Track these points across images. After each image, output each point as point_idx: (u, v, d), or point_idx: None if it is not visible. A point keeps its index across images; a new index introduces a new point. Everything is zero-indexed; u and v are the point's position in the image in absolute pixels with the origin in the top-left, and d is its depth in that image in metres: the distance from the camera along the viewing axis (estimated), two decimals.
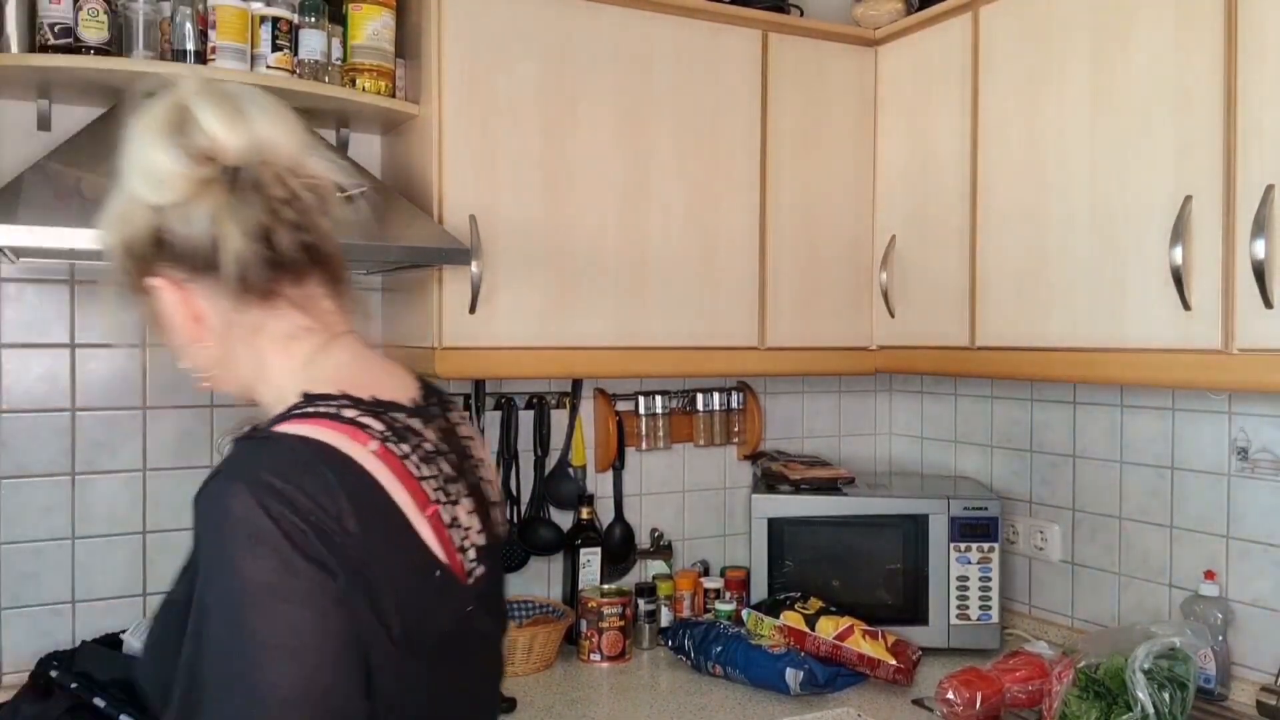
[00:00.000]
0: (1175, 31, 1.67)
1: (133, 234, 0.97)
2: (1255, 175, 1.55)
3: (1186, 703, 1.65)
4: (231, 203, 0.93)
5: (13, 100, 1.86)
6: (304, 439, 0.89)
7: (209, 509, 0.85)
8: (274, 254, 0.95)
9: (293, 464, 0.86)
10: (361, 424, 0.92)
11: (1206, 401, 1.98)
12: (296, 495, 0.84)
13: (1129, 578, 2.14)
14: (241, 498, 0.84)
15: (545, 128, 1.97)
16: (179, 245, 0.95)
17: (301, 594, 0.82)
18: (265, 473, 0.85)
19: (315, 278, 1.00)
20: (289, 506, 0.83)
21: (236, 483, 0.85)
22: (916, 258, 2.23)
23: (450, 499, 0.98)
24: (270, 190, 0.95)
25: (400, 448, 0.94)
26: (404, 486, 0.92)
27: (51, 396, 1.92)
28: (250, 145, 0.95)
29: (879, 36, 2.33)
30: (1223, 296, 1.59)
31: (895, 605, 2.24)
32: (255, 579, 0.82)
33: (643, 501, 2.48)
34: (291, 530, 0.82)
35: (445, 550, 0.94)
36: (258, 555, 0.82)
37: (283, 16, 1.80)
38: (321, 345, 1.00)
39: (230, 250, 0.93)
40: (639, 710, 1.91)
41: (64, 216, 1.55)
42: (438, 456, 0.99)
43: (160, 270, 0.97)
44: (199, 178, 0.93)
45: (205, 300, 0.98)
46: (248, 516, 0.83)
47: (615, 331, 2.05)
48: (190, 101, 0.97)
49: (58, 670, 1.69)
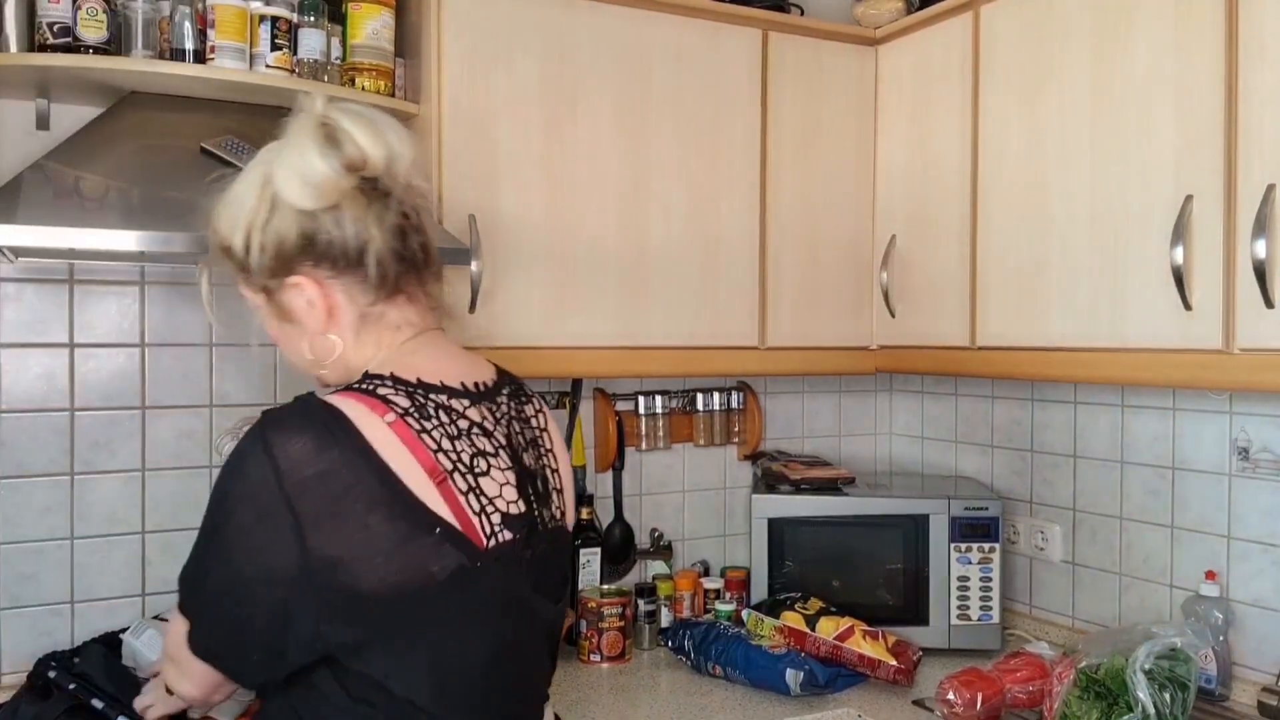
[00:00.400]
0: (1175, 31, 1.67)
1: (281, 237, 1.09)
2: (1256, 175, 1.55)
3: (1187, 703, 1.65)
4: (375, 208, 1.10)
5: (12, 100, 1.86)
6: (324, 404, 1.04)
7: (236, 447, 1.04)
8: (405, 252, 1.12)
9: (300, 423, 1.02)
10: (388, 400, 1.07)
11: (1207, 401, 1.98)
12: (288, 449, 1.00)
13: (1130, 578, 2.14)
14: (249, 440, 1.02)
15: (545, 127, 1.97)
16: (328, 246, 1.09)
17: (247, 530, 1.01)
18: (274, 426, 1.02)
19: (426, 276, 1.17)
20: (273, 459, 1.00)
21: (254, 431, 1.03)
22: (916, 258, 2.23)
23: (477, 470, 1.10)
24: (401, 197, 1.12)
25: (421, 423, 1.07)
26: (413, 455, 1.05)
27: (50, 396, 1.91)
28: (386, 157, 1.10)
29: (879, 36, 2.33)
30: (1224, 296, 1.59)
31: (896, 605, 2.23)
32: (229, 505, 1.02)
33: (642, 501, 2.47)
34: (263, 480, 0.99)
35: (455, 513, 1.06)
36: (236, 488, 1.02)
37: (282, 16, 1.80)
38: (413, 336, 1.16)
39: (375, 250, 1.09)
40: (639, 710, 1.91)
41: (63, 216, 1.55)
42: (473, 433, 1.12)
43: (302, 269, 1.10)
44: (348, 185, 1.08)
45: (340, 295, 1.11)
46: (243, 457, 1.02)
47: (615, 331, 2.05)
48: (336, 118, 1.09)
49: (56, 671, 1.69)
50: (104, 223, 1.58)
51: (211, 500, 1.05)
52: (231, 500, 1.02)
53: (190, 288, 2.01)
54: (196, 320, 2.02)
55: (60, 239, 1.52)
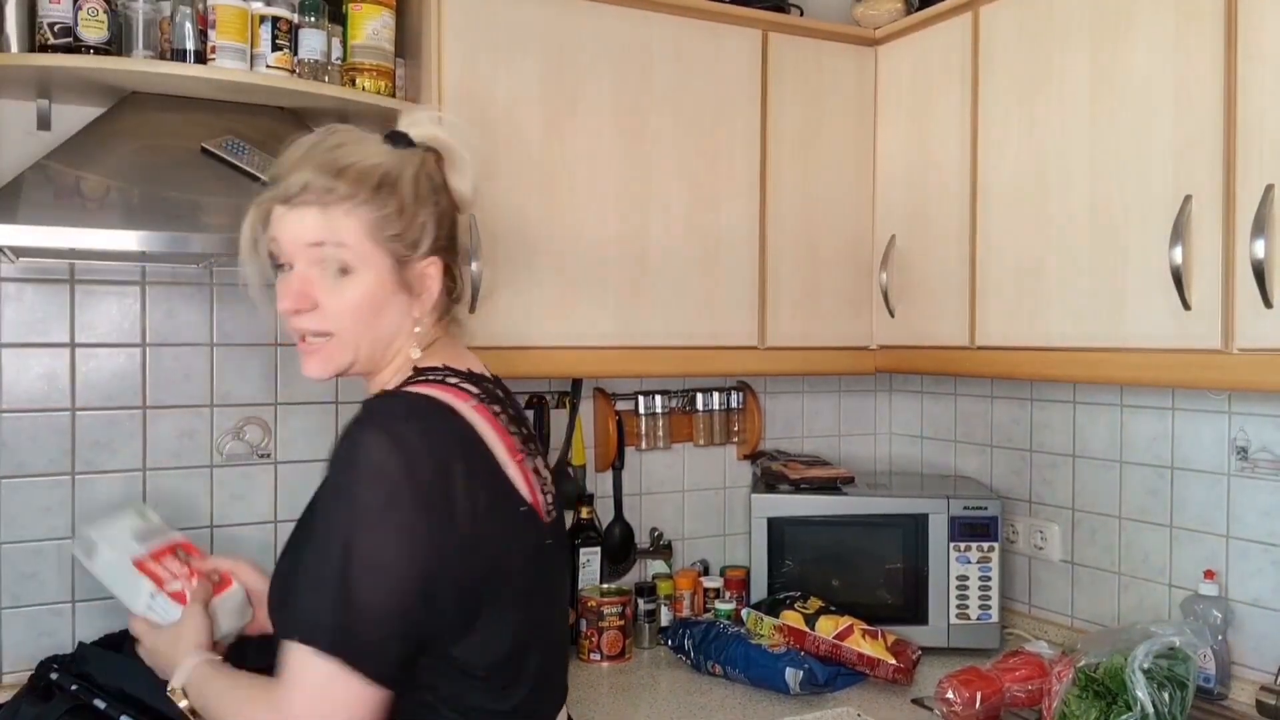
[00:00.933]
0: (1175, 31, 1.67)
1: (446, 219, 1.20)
2: (1255, 175, 1.55)
3: (1186, 702, 1.65)
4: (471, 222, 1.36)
5: (12, 100, 1.86)
6: (422, 395, 1.11)
7: (343, 448, 1.05)
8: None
9: (414, 413, 1.08)
10: (462, 387, 1.15)
11: (1206, 401, 1.98)
12: (416, 439, 1.04)
13: (1129, 577, 2.14)
14: (372, 436, 1.04)
15: (545, 127, 1.97)
16: (458, 243, 1.23)
17: (399, 524, 1.02)
18: (391, 418, 1.06)
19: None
20: (408, 448, 1.03)
21: (369, 426, 1.05)
22: (916, 258, 2.23)
23: (532, 452, 1.21)
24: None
25: (492, 407, 1.16)
26: (498, 437, 1.14)
27: (51, 396, 1.91)
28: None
29: (879, 36, 2.33)
30: (1223, 296, 1.59)
31: (895, 605, 2.24)
32: (368, 505, 1.02)
33: (642, 501, 2.48)
34: (406, 469, 1.02)
35: (530, 492, 1.15)
36: (373, 486, 1.02)
37: (282, 16, 1.80)
38: (438, 336, 1.24)
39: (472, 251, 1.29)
40: (639, 710, 1.91)
41: (64, 216, 1.55)
42: (519, 419, 1.23)
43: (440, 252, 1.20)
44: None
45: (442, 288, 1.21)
46: (373, 453, 1.03)
47: (615, 331, 2.05)
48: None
49: (58, 672, 1.69)
50: (105, 223, 1.58)
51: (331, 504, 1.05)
52: (367, 493, 1.02)
53: (191, 287, 2.01)
54: (197, 320, 2.02)
55: (61, 239, 1.52)
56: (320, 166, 1.13)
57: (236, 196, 1.70)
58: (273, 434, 2.07)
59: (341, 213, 1.12)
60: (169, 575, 1.37)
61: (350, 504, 1.03)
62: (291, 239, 1.14)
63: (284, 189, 1.13)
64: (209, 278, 2.02)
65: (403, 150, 1.18)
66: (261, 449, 2.06)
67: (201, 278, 2.02)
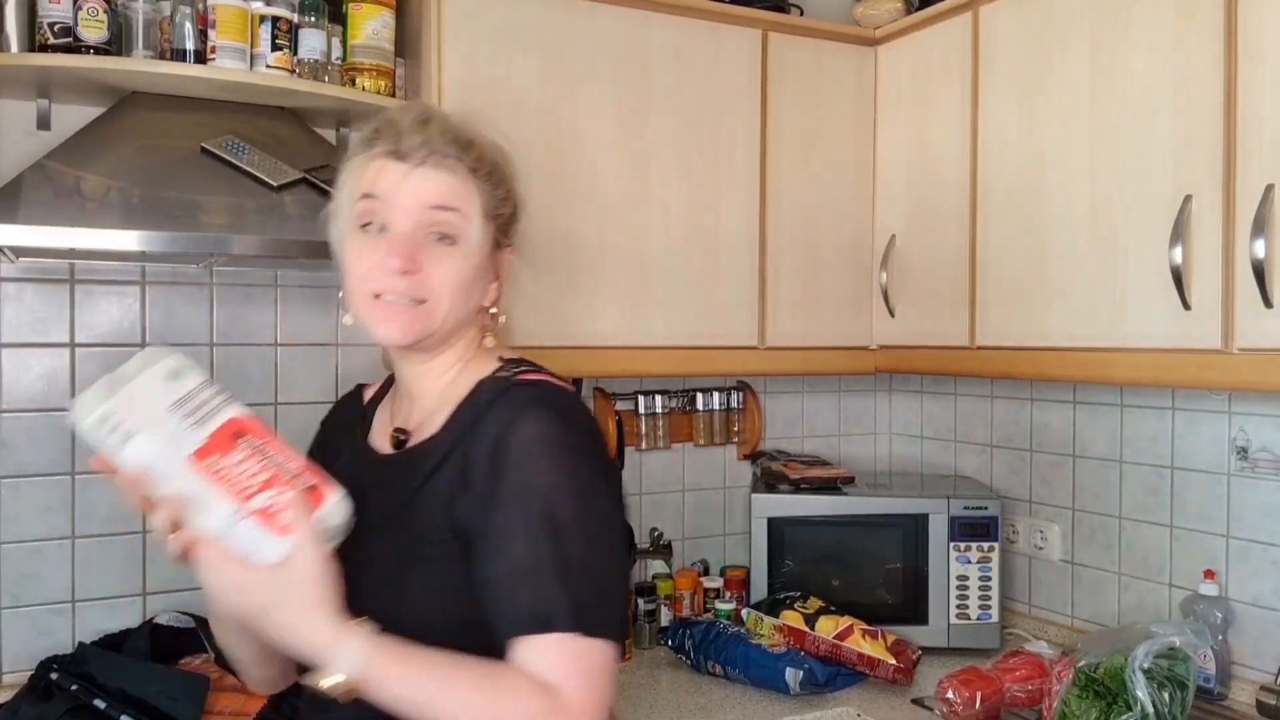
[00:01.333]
0: (1175, 31, 1.67)
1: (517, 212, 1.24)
2: (1255, 175, 1.55)
3: (1186, 702, 1.65)
4: None
5: (12, 100, 1.86)
6: (558, 387, 1.11)
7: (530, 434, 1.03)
8: None
9: (571, 399, 1.10)
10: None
11: (1206, 401, 1.98)
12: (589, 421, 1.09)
13: (1129, 577, 2.14)
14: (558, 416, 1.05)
15: (545, 127, 1.97)
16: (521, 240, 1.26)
17: (611, 494, 1.06)
18: (561, 402, 1.08)
19: None
20: (593, 428, 1.09)
21: (548, 409, 1.05)
22: (916, 257, 2.23)
23: None
24: None
25: None
26: None
27: (51, 396, 1.91)
28: None
29: (879, 36, 2.33)
30: (1223, 296, 1.59)
31: (895, 605, 2.24)
32: (583, 482, 1.03)
33: (642, 501, 2.48)
34: (598, 445, 1.08)
35: None
36: (581, 465, 1.04)
37: (282, 16, 1.80)
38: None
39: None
40: (639, 710, 1.91)
41: (64, 216, 1.55)
42: None
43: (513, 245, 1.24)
44: None
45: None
46: (570, 434, 1.04)
47: (615, 331, 2.05)
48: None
49: (58, 672, 1.69)
50: (105, 223, 1.58)
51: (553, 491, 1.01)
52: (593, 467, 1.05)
53: (192, 287, 2.01)
54: (197, 320, 2.02)
55: (61, 239, 1.52)
56: (447, 133, 1.12)
57: (236, 196, 1.70)
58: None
59: (469, 182, 1.12)
60: (247, 480, 0.94)
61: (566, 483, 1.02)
62: (413, 199, 1.09)
63: (408, 146, 1.09)
64: (209, 277, 2.02)
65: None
66: None
67: (201, 277, 2.02)
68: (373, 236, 1.09)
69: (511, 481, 1.01)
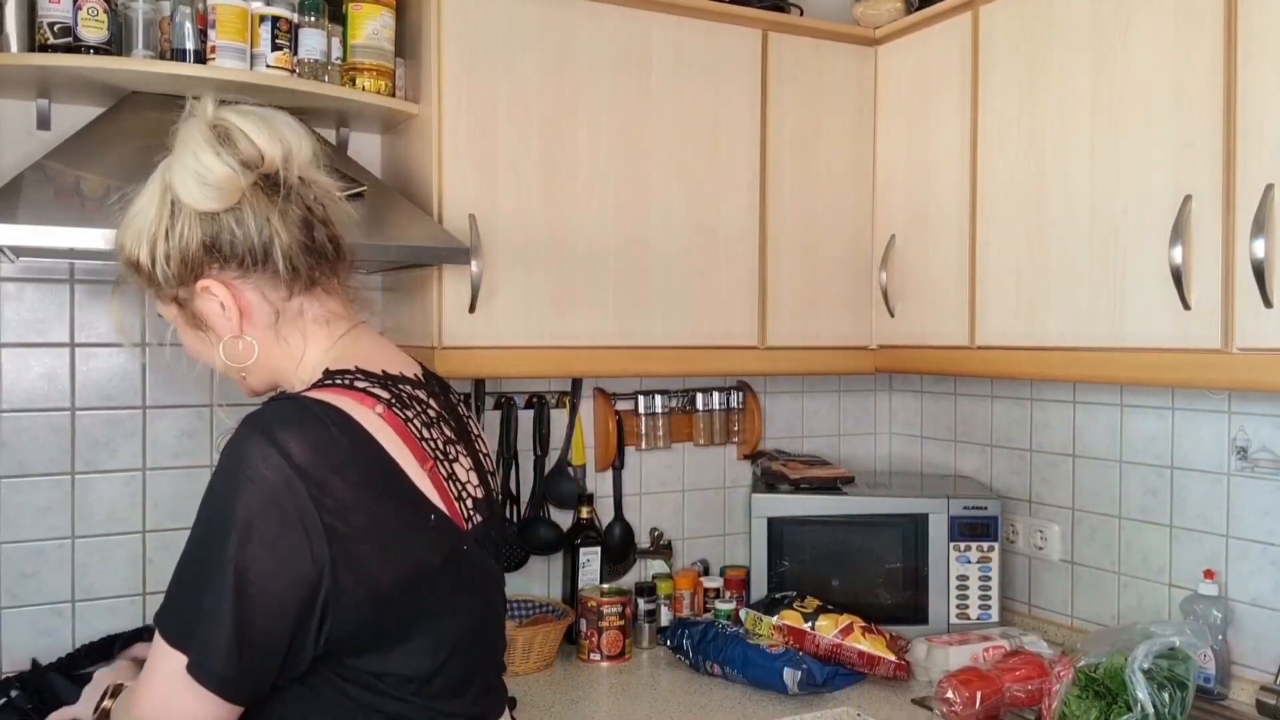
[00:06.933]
0: (1175, 31, 1.67)
1: (185, 242, 1.08)
2: (1255, 174, 1.55)
3: (1186, 702, 1.65)
4: (277, 203, 1.09)
5: (12, 99, 1.86)
6: (317, 400, 1.04)
7: (226, 452, 0.99)
8: (313, 245, 1.12)
9: (303, 419, 1.01)
10: (370, 392, 1.07)
11: (1206, 401, 1.98)
12: (299, 446, 0.98)
13: (1128, 577, 2.14)
14: (252, 443, 0.98)
15: (545, 127, 1.97)
16: (233, 246, 1.08)
17: (272, 538, 0.96)
18: (276, 425, 0.99)
19: (339, 269, 1.16)
20: (289, 457, 0.97)
21: (252, 432, 0.99)
22: (916, 257, 2.23)
23: (449, 458, 1.13)
24: (301, 191, 1.12)
25: (404, 413, 1.09)
26: (405, 444, 1.06)
27: (51, 396, 1.92)
28: (284, 152, 1.10)
29: (879, 36, 2.33)
30: (1222, 296, 1.59)
31: (895, 604, 2.24)
32: (243, 515, 0.96)
33: (642, 501, 2.48)
34: (284, 480, 0.97)
35: (443, 500, 1.09)
36: (250, 495, 0.96)
37: (282, 16, 1.80)
38: (347, 330, 1.16)
39: (281, 245, 1.09)
40: (638, 709, 1.91)
41: (64, 216, 1.55)
42: (439, 422, 1.15)
43: (209, 272, 1.09)
44: (247, 183, 1.07)
45: (253, 294, 1.11)
46: (251, 461, 0.97)
47: (615, 331, 2.05)
48: (227, 118, 1.09)
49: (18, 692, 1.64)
50: (105, 222, 1.57)
51: (214, 512, 0.99)
52: (247, 508, 0.96)
53: None
54: None
55: (61, 239, 1.52)
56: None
57: None
58: None
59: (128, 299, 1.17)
60: None
61: (228, 513, 0.97)
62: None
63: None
64: None
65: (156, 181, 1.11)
66: None
67: None
68: None
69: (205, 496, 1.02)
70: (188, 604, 0.98)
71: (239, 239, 1.07)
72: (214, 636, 0.96)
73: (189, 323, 1.13)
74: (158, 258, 1.08)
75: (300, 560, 0.97)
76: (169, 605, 1.01)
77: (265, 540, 0.96)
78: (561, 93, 1.99)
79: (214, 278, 1.09)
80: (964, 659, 1.98)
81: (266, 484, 0.97)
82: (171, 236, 1.07)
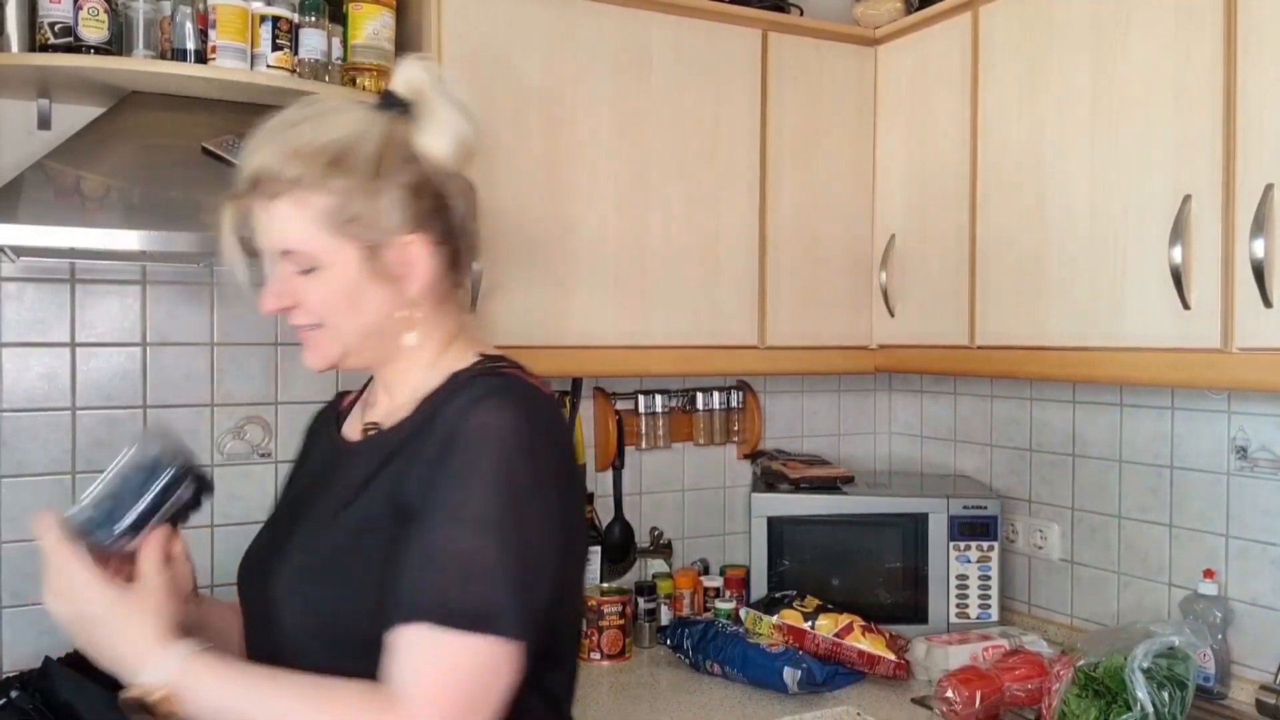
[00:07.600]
0: (1175, 31, 1.67)
1: (418, 191, 1.05)
2: (1255, 174, 1.55)
3: (1186, 702, 1.65)
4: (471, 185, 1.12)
5: (13, 99, 1.86)
6: (528, 383, 1.07)
7: (484, 422, 0.99)
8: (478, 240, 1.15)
9: (540, 397, 1.06)
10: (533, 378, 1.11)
11: (1206, 401, 1.98)
12: (553, 422, 1.05)
13: (1128, 577, 2.14)
14: (520, 414, 1.00)
15: (545, 127, 1.97)
16: (450, 212, 1.08)
17: (551, 500, 1.00)
18: (528, 400, 1.03)
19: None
20: (555, 428, 1.04)
21: (510, 403, 1.01)
22: (916, 257, 2.23)
23: None
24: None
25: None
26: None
27: (52, 395, 1.92)
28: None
29: (879, 36, 2.33)
30: (1222, 296, 1.59)
31: (895, 604, 2.24)
32: (520, 481, 0.97)
33: (642, 500, 2.48)
34: (555, 446, 1.03)
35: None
36: (524, 463, 0.98)
37: (283, 16, 1.80)
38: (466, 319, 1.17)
39: (474, 226, 1.11)
40: (638, 709, 1.91)
41: (64, 216, 1.55)
42: None
43: (421, 228, 1.06)
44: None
45: (442, 265, 1.08)
46: (520, 432, 0.99)
47: (615, 330, 2.05)
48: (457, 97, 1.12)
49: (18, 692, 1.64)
50: (105, 222, 1.58)
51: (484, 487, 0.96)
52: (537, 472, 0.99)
53: (192, 286, 2.01)
54: (198, 319, 2.02)
55: (61, 238, 1.52)
56: (272, 149, 1.03)
57: None
58: (274, 433, 2.07)
59: (301, 207, 1.02)
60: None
61: (503, 477, 0.96)
62: (267, 246, 1.07)
63: (245, 185, 1.05)
64: (210, 277, 2.02)
65: (374, 114, 1.06)
66: (262, 448, 2.06)
67: (202, 277, 2.02)
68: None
69: (454, 465, 0.97)
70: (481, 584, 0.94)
71: (455, 207, 1.09)
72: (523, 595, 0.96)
73: (370, 273, 1.04)
74: (385, 197, 1.03)
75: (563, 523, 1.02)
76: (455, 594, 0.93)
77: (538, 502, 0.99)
78: (562, 92, 1.99)
79: (422, 234, 1.06)
80: (964, 658, 1.98)
81: (537, 450, 1.00)
82: (403, 180, 1.04)
